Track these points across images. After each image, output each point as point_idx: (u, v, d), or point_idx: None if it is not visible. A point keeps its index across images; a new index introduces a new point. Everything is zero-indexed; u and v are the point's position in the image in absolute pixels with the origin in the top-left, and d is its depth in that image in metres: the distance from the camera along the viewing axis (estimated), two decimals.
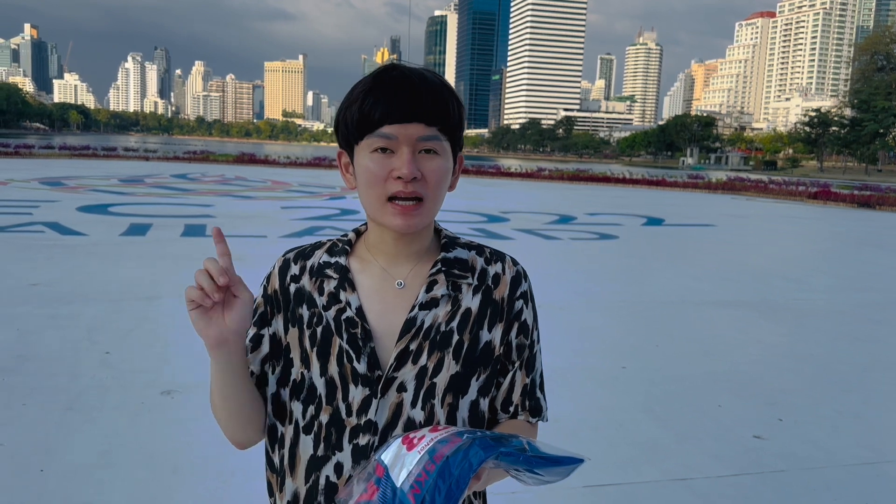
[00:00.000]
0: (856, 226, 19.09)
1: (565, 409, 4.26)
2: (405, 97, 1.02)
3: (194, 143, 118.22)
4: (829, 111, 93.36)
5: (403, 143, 1.03)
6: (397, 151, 1.03)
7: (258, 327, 1.16)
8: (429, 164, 1.05)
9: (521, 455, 0.88)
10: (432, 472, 0.84)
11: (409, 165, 1.02)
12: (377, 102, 1.02)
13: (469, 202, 18.90)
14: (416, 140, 1.03)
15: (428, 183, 1.05)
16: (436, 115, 1.04)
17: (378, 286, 1.12)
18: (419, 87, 1.03)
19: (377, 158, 1.04)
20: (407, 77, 1.04)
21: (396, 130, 1.02)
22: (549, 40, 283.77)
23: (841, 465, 3.80)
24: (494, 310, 1.14)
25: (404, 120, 1.02)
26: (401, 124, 1.02)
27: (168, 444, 3.65)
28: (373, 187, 1.05)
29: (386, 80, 1.04)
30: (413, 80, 1.04)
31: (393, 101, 1.02)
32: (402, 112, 1.02)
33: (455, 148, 1.11)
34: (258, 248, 10.09)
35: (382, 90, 1.03)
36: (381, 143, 1.03)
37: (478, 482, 0.91)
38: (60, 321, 5.83)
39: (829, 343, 6.47)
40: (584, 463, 0.97)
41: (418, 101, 1.02)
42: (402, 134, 1.03)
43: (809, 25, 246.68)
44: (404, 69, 1.06)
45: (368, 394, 1.07)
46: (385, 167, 1.04)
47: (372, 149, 1.04)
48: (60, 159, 34.62)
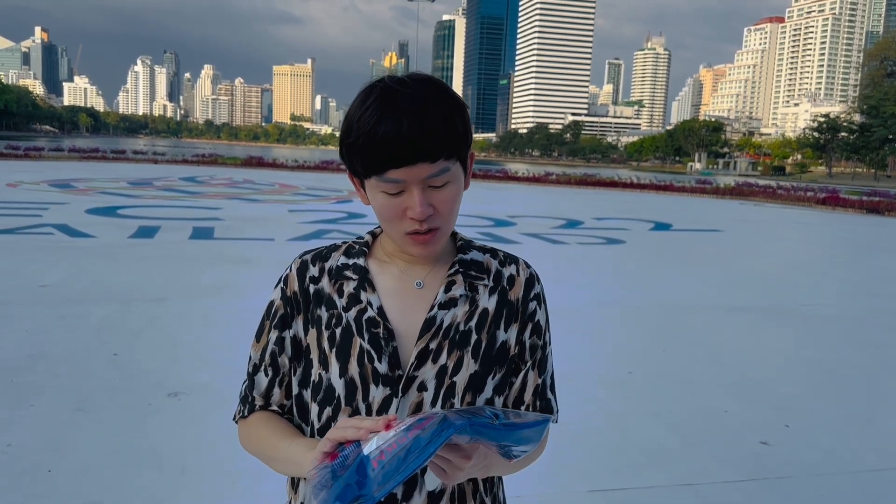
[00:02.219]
0: (864, 231, 19.00)
1: (572, 414, 4.25)
2: (406, 139, 0.99)
3: (203, 146, 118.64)
4: (838, 116, 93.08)
5: (412, 183, 1.02)
6: (407, 190, 1.03)
7: (279, 330, 1.16)
8: (440, 195, 1.05)
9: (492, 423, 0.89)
10: (403, 443, 0.83)
11: (421, 206, 1.03)
12: (378, 146, 1.00)
13: (476, 206, 18.90)
14: (425, 178, 1.03)
15: (442, 214, 1.06)
16: (440, 149, 1.01)
17: (397, 286, 1.14)
18: (420, 121, 0.99)
19: (388, 199, 1.04)
20: (405, 110, 0.99)
21: (403, 174, 1.01)
22: (557, 45, 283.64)
23: (848, 472, 3.78)
24: (510, 310, 1.16)
25: (409, 163, 1.00)
26: (406, 168, 1.01)
27: (176, 444, 3.67)
28: (390, 223, 1.07)
29: (385, 116, 0.99)
30: (415, 111, 0.99)
31: (395, 145, 0.99)
32: (406, 156, 1.00)
33: (464, 156, 1.09)
34: (266, 251, 10.13)
35: (383, 131, 0.99)
36: (390, 189, 1.03)
37: (468, 462, 0.92)
38: (69, 322, 5.87)
39: (836, 349, 6.44)
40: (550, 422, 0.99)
41: (422, 141, 0.99)
42: (409, 176, 1.01)
43: (818, 31, 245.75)
44: (401, 95, 1.00)
45: (389, 393, 1.08)
46: (398, 206, 1.04)
47: (381, 190, 1.04)
48: (70, 162, 34.80)
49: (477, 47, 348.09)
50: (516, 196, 26.30)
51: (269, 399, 1.17)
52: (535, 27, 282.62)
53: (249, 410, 1.18)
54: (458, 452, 0.91)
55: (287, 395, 1.17)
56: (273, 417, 1.16)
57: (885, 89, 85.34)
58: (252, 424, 1.16)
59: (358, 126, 1.02)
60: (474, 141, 7.58)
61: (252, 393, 1.18)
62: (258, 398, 1.17)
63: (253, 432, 1.16)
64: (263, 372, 1.17)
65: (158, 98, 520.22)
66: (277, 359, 1.16)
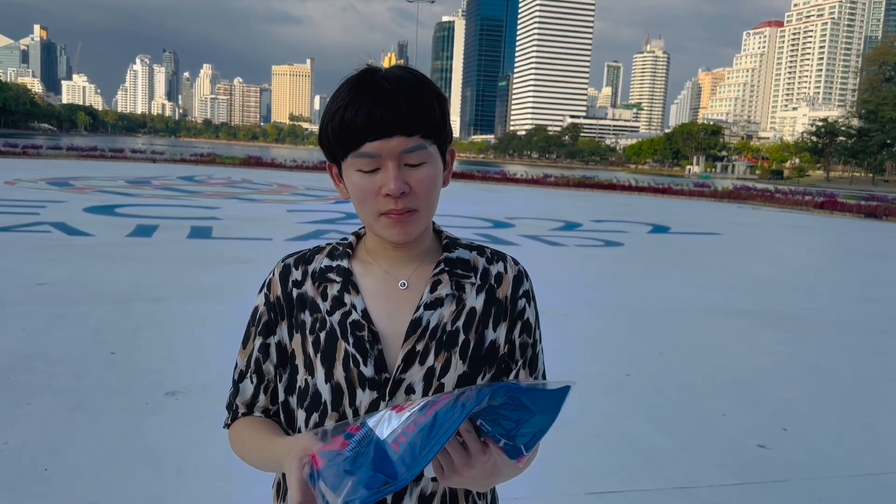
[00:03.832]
0: (862, 236, 19.03)
1: (568, 416, 4.25)
2: (381, 111, 0.99)
3: (201, 145, 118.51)
4: (837, 121, 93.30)
5: (387, 158, 1.01)
6: (382, 167, 1.02)
7: (263, 336, 1.15)
8: (416, 175, 1.03)
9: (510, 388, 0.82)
10: (422, 422, 0.81)
11: (395, 181, 1.00)
12: (355, 118, 1.00)
13: (474, 208, 18.91)
14: (400, 153, 1.01)
15: (418, 194, 1.04)
16: (416, 123, 1.01)
17: (382, 288, 1.12)
18: (395, 96, 0.99)
19: (363, 176, 1.03)
20: (380, 87, 1.00)
21: (378, 147, 1.00)
22: (556, 47, 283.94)
23: (845, 476, 3.79)
24: (498, 308, 1.14)
25: (384, 135, 1.00)
26: (381, 140, 1.00)
27: (173, 444, 3.66)
28: (364, 204, 1.05)
29: (361, 94, 1.00)
30: (388, 89, 1.00)
31: (369, 118, 0.99)
32: (381, 128, 0.99)
33: (443, 146, 1.09)
34: (264, 251, 10.12)
35: (358, 106, 1.00)
36: (365, 165, 1.02)
37: (470, 470, 0.88)
38: (67, 321, 5.86)
39: (834, 353, 6.45)
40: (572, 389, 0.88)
41: (396, 113, 0.99)
42: (385, 149, 1.00)
43: (817, 35, 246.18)
44: (378, 76, 1.02)
45: (376, 397, 1.06)
46: (373, 184, 1.02)
47: (357, 168, 1.03)
48: (68, 160, 34.76)
49: (476, 49, 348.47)
50: (514, 198, 26.31)
51: (252, 407, 1.16)
52: (535, 29, 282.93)
53: (233, 418, 1.18)
54: (463, 455, 0.88)
55: (273, 401, 1.17)
56: (255, 420, 1.16)
57: (883, 94, 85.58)
58: (237, 430, 1.16)
59: (335, 105, 1.03)
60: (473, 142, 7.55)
61: (235, 401, 1.18)
62: (241, 406, 1.17)
63: (237, 437, 1.15)
64: (249, 379, 1.16)
65: (157, 97, 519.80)
66: (262, 366, 1.15)
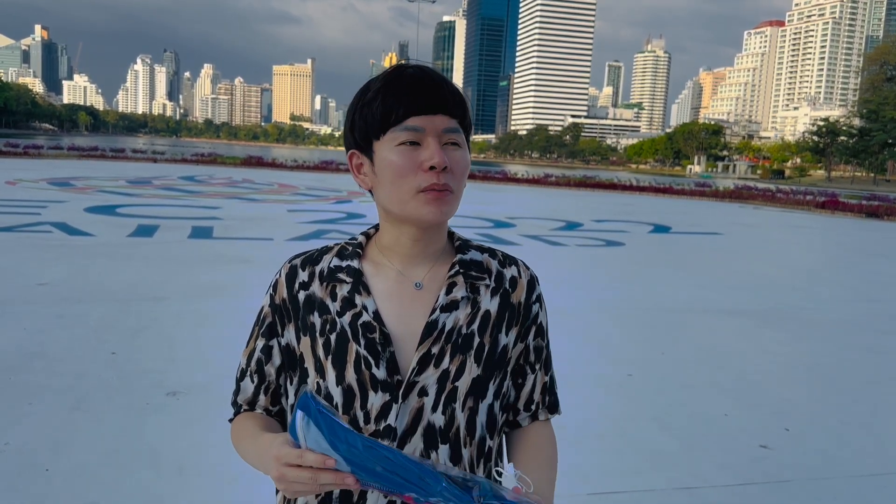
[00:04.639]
0: (863, 236, 19.01)
1: (571, 417, 4.23)
2: (428, 90, 1.03)
3: (202, 145, 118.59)
4: (838, 120, 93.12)
5: (430, 134, 1.02)
6: (423, 143, 1.03)
7: (266, 338, 1.15)
8: (454, 154, 1.05)
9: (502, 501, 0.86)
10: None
11: (440, 154, 1.02)
12: (400, 96, 1.02)
13: (476, 207, 18.90)
14: (442, 132, 1.03)
15: (455, 174, 1.05)
16: (457, 107, 1.05)
17: (394, 289, 1.10)
18: (437, 80, 1.05)
19: (404, 151, 1.03)
20: (424, 71, 1.05)
21: (423, 122, 1.02)
22: (557, 47, 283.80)
23: (847, 476, 3.78)
24: (512, 313, 1.14)
25: (430, 112, 1.02)
26: (427, 116, 1.02)
27: (174, 444, 3.66)
28: (401, 180, 1.03)
29: (403, 77, 1.04)
30: (430, 74, 1.05)
31: (417, 94, 1.02)
32: (428, 104, 1.02)
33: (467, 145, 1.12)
34: (265, 251, 10.12)
35: (403, 85, 1.03)
36: (409, 137, 1.02)
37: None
38: (68, 321, 5.85)
39: (836, 353, 6.44)
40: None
41: (441, 93, 1.03)
42: (429, 125, 1.02)
43: (818, 34, 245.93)
44: (417, 66, 1.06)
45: (388, 399, 1.05)
46: (413, 159, 1.02)
47: (397, 142, 1.03)
48: (69, 160, 34.77)
49: (477, 48, 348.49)
50: (515, 197, 26.31)
51: (254, 405, 1.17)
52: (536, 29, 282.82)
53: (236, 413, 1.19)
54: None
55: (273, 402, 1.17)
56: (253, 415, 1.16)
57: (884, 94, 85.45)
58: (236, 425, 1.17)
59: (376, 84, 1.05)
60: (473, 142, 7.54)
61: (237, 398, 1.19)
62: (244, 404, 1.18)
63: (235, 433, 1.16)
64: (250, 378, 1.17)
65: (158, 97, 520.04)
66: (263, 367, 1.15)
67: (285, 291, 1.13)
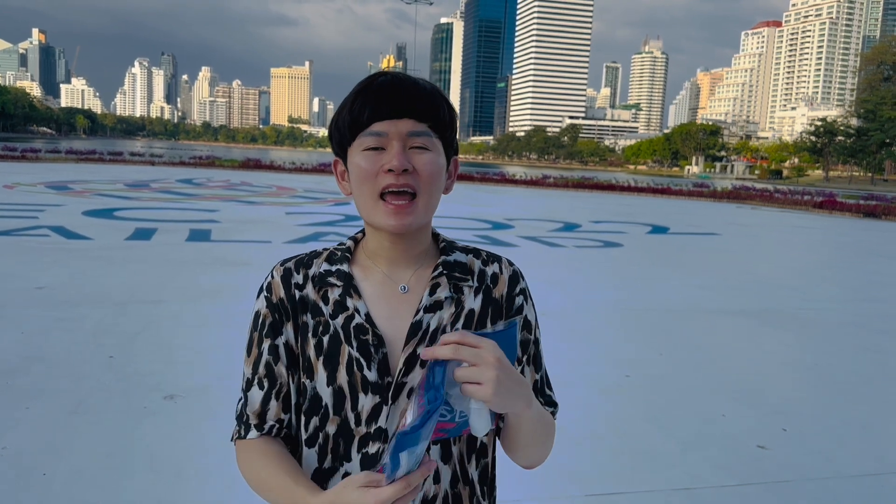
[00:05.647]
0: (861, 235, 19.04)
1: (568, 418, 4.24)
2: (394, 94, 1.04)
3: (200, 148, 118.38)
4: (835, 120, 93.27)
5: (394, 138, 1.04)
6: (388, 147, 1.04)
7: (271, 338, 1.12)
8: (420, 157, 1.05)
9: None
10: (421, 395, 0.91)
11: (399, 157, 1.03)
12: (366, 102, 1.04)
13: (473, 209, 18.91)
14: (407, 135, 1.04)
15: (420, 176, 1.05)
16: (425, 111, 1.05)
17: (382, 292, 1.11)
18: (408, 86, 1.05)
19: (369, 156, 1.05)
20: (396, 78, 1.06)
21: (386, 127, 1.03)
22: (554, 48, 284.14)
23: (846, 476, 3.78)
24: (495, 308, 1.14)
25: (394, 116, 1.03)
26: (390, 120, 1.03)
27: (172, 447, 3.65)
28: (364, 183, 1.05)
29: (373, 85, 1.06)
30: (402, 80, 1.06)
31: (382, 99, 1.04)
32: (391, 108, 1.03)
33: (448, 149, 1.11)
34: (263, 254, 10.12)
35: (372, 91, 1.05)
36: (372, 142, 1.04)
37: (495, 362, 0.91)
38: (65, 324, 5.85)
39: (834, 353, 6.45)
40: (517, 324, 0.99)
41: (407, 98, 1.04)
42: (392, 130, 1.04)
43: (816, 35, 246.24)
44: (392, 74, 1.08)
45: (379, 401, 1.06)
46: (376, 163, 1.04)
47: (363, 147, 1.05)
48: (67, 163, 34.75)
49: (475, 50, 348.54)
50: (514, 199, 26.31)
51: (264, 417, 1.11)
52: (533, 30, 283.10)
53: (245, 430, 1.12)
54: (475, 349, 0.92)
55: (285, 409, 1.12)
56: (273, 448, 1.10)
57: (881, 93, 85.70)
58: (251, 452, 1.11)
59: (347, 100, 1.08)
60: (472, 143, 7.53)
61: (245, 411, 1.12)
62: (252, 416, 1.11)
63: (250, 466, 1.10)
64: (257, 385, 1.12)
65: (156, 100, 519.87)
66: (273, 369, 1.11)
67: (282, 291, 1.13)
